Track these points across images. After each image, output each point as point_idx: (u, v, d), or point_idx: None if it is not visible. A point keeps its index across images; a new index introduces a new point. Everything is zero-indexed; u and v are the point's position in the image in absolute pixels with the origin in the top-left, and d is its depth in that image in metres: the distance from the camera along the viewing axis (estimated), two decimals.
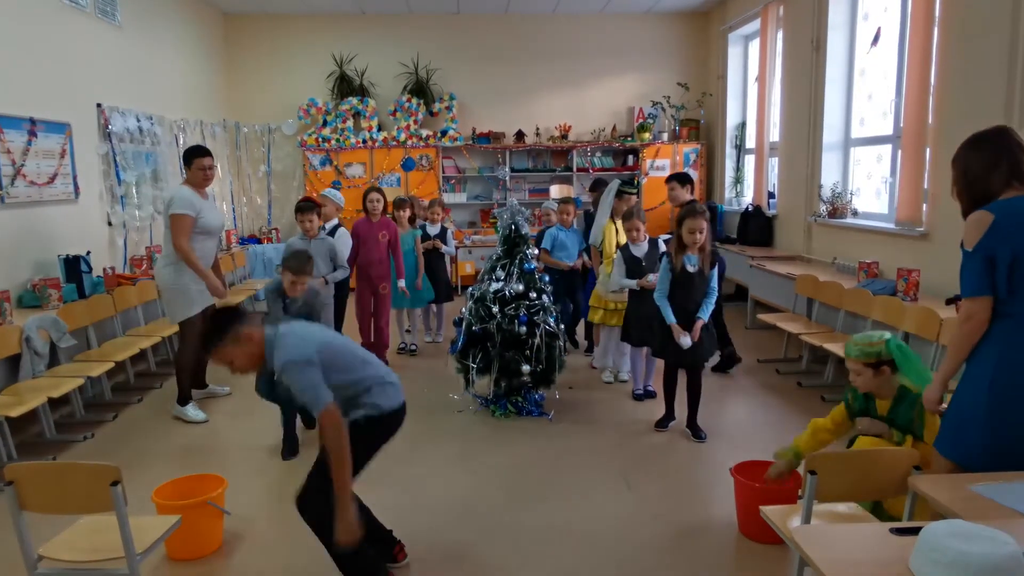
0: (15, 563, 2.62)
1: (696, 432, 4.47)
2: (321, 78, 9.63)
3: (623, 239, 5.24)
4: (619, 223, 5.37)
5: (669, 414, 4.64)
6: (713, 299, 4.40)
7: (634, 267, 4.88)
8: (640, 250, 4.94)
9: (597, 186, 6.24)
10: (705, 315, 4.34)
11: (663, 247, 4.84)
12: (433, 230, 6.54)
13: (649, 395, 5.18)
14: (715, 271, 4.42)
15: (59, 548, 2.53)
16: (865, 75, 6.51)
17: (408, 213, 6.20)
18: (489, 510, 3.59)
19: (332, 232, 5.74)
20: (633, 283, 4.84)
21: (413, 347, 6.49)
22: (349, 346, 2.79)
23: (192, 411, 4.89)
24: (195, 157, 4.75)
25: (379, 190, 5.95)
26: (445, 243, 6.54)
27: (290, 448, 4.29)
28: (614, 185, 5.46)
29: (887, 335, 2.84)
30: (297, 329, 2.63)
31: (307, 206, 5.16)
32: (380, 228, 5.83)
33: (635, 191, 5.49)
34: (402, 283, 5.93)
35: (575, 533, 3.35)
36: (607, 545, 3.24)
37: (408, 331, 6.66)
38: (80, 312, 5.09)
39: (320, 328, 2.77)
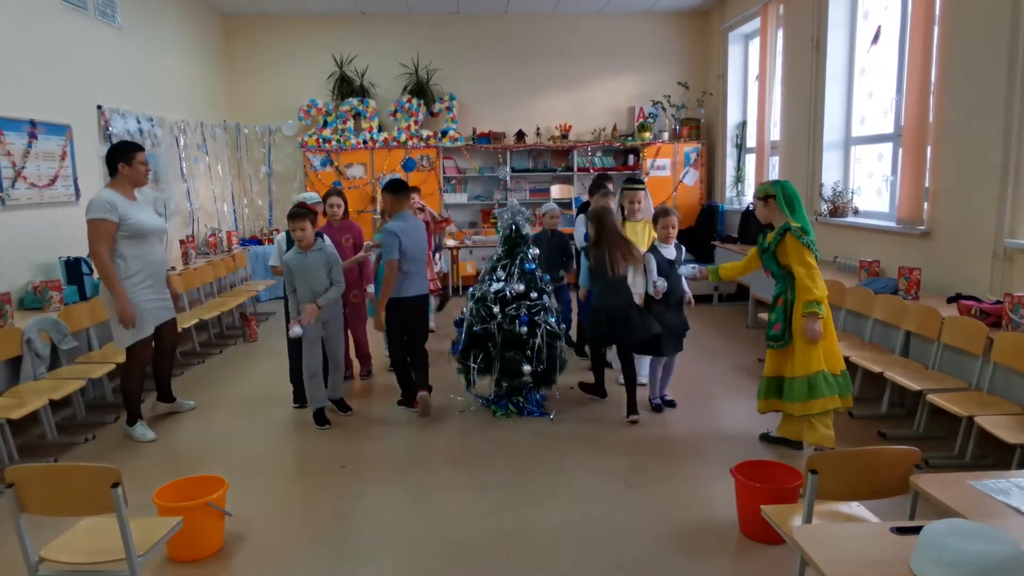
0: (16, 565, 2.63)
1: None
2: (321, 79, 9.63)
3: (632, 240, 5.06)
4: (638, 226, 5.24)
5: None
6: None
7: (666, 269, 4.71)
8: (670, 252, 4.77)
9: (596, 187, 6.07)
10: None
11: (684, 251, 4.90)
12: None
13: (669, 404, 4.98)
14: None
15: (60, 550, 2.53)
16: (865, 73, 6.50)
17: None
18: (490, 510, 3.59)
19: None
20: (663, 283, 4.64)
21: None
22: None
23: (140, 430, 4.58)
24: (137, 151, 4.44)
25: (340, 193, 5.49)
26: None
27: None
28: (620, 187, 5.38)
29: (779, 181, 4.16)
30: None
31: (300, 212, 4.64)
32: (343, 232, 5.37)
33: (641, 186, 5.30)
34: (370, 288, 5.45)
35: (576, 533, 3.34)
36: (608, 545, 3.24)
37: None
38: (81, 314, 5.10)
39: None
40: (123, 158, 4.42)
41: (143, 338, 4.49)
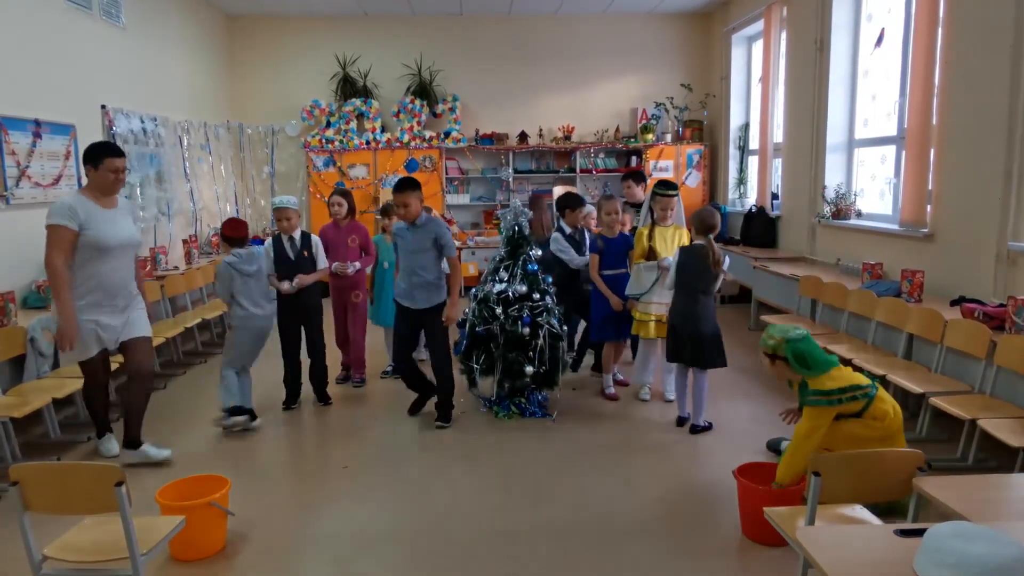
0: (20, 563, 2.63)
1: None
2: (324, 79, 9.64)
3: (660, 246, 4.89)
4: (667, 231, 4.94)
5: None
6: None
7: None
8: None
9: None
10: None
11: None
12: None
13: (705, 428, 4.59)
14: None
15: (63, 548, 2.53)
16: (869, 76, 6.50)
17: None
18: (491, 511, 3.59)
19: (304, 239, 5.04)
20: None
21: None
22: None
23: (106, 444, 4.25)
24: (106, 156, 3.83)
25: (344, 193, 5.42)
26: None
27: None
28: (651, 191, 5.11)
29: (793, 334, 3.27)
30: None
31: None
32: (349, 232, 5.34)
33: (674, 193, 4.93)
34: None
35: (577, 534, 3.34)
36: (609, 546, 3.24)
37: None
38: None
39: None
40: (90, 161, 3.86)
41: (89, 359, 3.97)
